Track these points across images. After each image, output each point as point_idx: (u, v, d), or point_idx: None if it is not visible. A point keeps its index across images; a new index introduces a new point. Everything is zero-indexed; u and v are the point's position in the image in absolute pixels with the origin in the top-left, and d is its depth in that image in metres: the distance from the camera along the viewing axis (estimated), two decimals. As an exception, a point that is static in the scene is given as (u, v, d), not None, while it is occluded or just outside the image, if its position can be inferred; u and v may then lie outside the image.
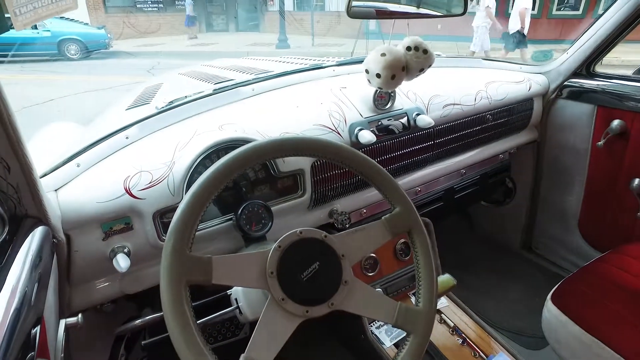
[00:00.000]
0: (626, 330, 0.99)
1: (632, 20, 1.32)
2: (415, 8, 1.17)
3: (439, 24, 9.78)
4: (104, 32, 10.53)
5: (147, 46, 11.56)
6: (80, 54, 9.84)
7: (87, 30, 10.41)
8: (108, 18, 13.21)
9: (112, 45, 10.59)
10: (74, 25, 9.95)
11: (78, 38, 9.83)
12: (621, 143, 1.41)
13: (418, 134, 1.20)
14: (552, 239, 1.75)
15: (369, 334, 1.14)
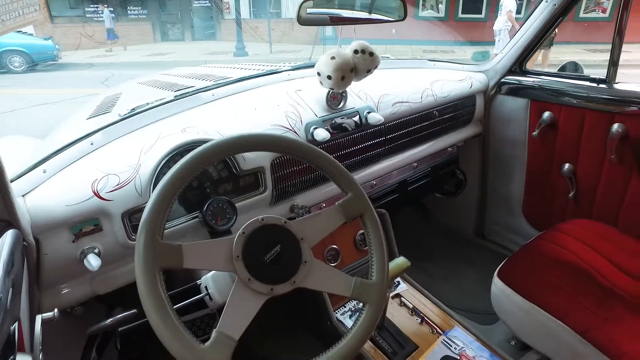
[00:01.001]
0: (560, 296, 1.11)
1: (550, 24, 1.49)
2: (361, 14, 1.26)
3: (393, 29, 10.16)
4: (52, 43, 10.06)
5: (99, 57, 11.23)
6: (26, 66, 9.40)
7: (31, 41, 9.83)
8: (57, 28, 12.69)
9: (61, 57, 10.18)
10: (16, 36, 9.36)
11: (22, 49, 9.35)
12: (552, 133, 1.56)
13: (370, 130, 1.29)
14: (501, 224, 1.89)
15: (334, 320, 1.21)
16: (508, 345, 1.37)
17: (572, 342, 1.04)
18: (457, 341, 1.18)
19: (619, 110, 1.38)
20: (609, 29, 1.41)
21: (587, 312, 1.07)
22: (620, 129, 1.37)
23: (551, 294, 1.12)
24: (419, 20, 12.48)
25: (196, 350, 0.59)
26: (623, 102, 1.37)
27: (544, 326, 1.09)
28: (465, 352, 1.15)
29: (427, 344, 1.17)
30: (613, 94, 1.40)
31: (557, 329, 1.06)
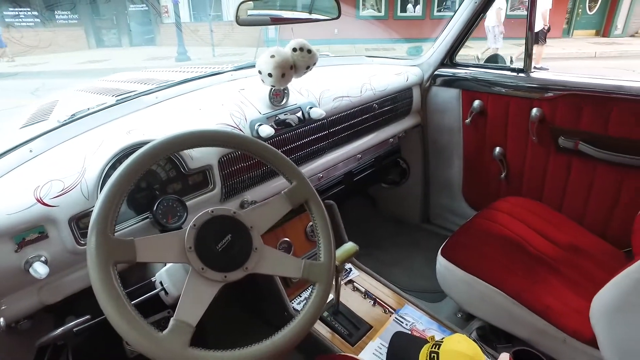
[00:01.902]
0: (496, 266, 1.22)
1: (473, 20, 1.62)
2: (299, 14, 1.31)
3: (335, 29, 10.35)
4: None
5: (26, 66, 10.50)
6: None
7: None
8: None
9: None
10: None
11: None
12: (482, 120, 1.69)
13: (313, 125, 1.34)
14: (444, 208, 2.02)
15: (291, 309, 1.25)
16: (455, 318, 1.47)
17: (507, 306, 1.15)
18: (408, 317, 1.26)
19: (536, 96, 1.52)
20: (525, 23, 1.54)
21: (518, 278, 1.19)
22: (538, 113, 1.51)
23: (488, 265, 1.22)
24: (360, 20, 12.78)
25: (154, 338, 0.61)
26: (539, 89, 1.51)
27: (483, 295, 1.19)
28: (415, 327, 1.23)
29: (381, 323, 1.24)
30: (530, 82, 1.54)
31: (495, 295, 1.17)
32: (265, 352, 0.68)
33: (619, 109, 1.37)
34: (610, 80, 1.44)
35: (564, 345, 1.08)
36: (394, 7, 13.00)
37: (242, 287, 1.33)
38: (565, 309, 1.11)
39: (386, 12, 13.17)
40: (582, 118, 1.45)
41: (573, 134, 1.48)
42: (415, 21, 12.67)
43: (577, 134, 1.47)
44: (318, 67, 1.24)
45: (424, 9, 12.74)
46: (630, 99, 1.35)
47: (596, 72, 1.49)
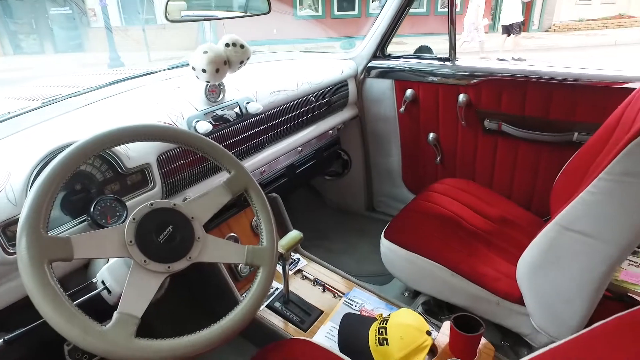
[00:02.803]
0: (434, 242, 1.30)
1: (400, 13, 1.70)
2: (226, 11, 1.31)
3: (274, 29, 10.35)
4: None
5: None
6: None
7: None
8: None
9: None
10: None
11: None
12: (416, 107, 1.78)
13: (252, 120, 1.35)
14: (386, 196, 2.10)
15: (240, 300, 1.25)
16: (403, 297, 1.54)
17: (446, 278, 1.23)
18: (357, 299, 1.31)
19: (462, 83, 1.63)
20: (459, 19, 1.66)
21: (455, 251, 1.27)
22: (465, 99, 1.62)
23: (427, 242, 1.30)
24: (298, 20, 12.87)
25: (97, 331, 0.60)
26: (464, 76, 1.62)
27: (424, 270, 1.26)
28: (364, 307, 1.28)
29: (331, 307, 1.28)
30: (455, 70, 1.65)
31: (434, 269, 1.24)
32: (213, 337, 0.69)
33: (532, 91, 1.50)
34: (525, 66, 1.57)
35: (497, 307, 1.18)
36: (330, 6, 13.25)
37: (190, 281, 1.32)
38: (497, 275, 1.20)
39: (323, 12, 13.39)
40: (503, 101, 1.57)
41: (496, 116, 1.60)
42: (352, 19, 12.96)
43: (500, 116, 1.59)
44: (254, 64, 1.26)
45: (360, 7, 13.08)
46: (542, 82, 1.48)
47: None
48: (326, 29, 12.89)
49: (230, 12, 1.35)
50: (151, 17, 13.37)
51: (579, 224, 0.95)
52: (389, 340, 1.07)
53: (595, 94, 1.41)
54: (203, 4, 1.48)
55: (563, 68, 1.49)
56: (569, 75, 1.45)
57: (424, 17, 13.12)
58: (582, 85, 1.43)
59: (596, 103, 1.40)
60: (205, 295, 1.36)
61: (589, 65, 1.50)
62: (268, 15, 1.34)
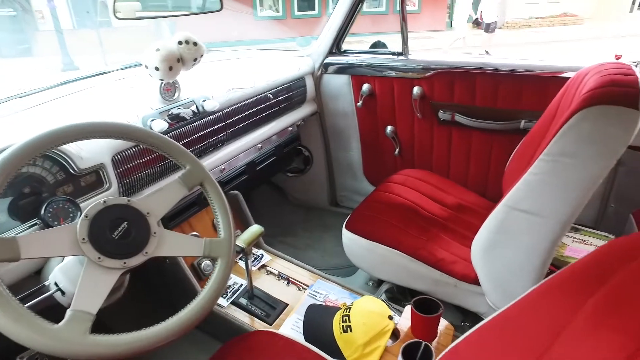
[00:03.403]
0: (393, 231, 1.33)
1: (353, 10, 1.74)
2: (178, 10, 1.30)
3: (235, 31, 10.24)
4: None
5: None
6: None
7: None
8: None
9: None
10: None
11: None
12: (373, 101, 1.83)
13: (210, 118, 1.34)
14: (349, 190, 2.13)
15: None
16: (367, 286, 1.57)
17: (406, 264, 1.27)
18: (321, 291, 1.33)
19: (416, 76, 1.68)
20: (420, 18, 1.71)
21: (414, 238, 1.31)
22: (419, 91, 1.68)
23: (386, 231, 1.33)
24: (258, 21, 12.81)
25: (49, 330, 0.58)
26: (417, 69, 1.68)
27: (385, 258, 1.30)
28: (329, 298, 1.30)
29: (296, 300, 1.29)
30: (409, 64, 1.70)
31: (394, 257, 1.28)
32: (171, 329, 0.69)
33: (481, 82, 1.57)
34: (474, 58, 1.64)
35: (455, 289, 1.23)
36: (290, 6, 13.28)
37: (151, 278, 1.30)
38: (454, 258, 1.25)
39: (284, 12, 13.40)
40: (455, 92, 1.63)
41: (449, 107, 1.66)
42: (313, 19, 13.03)
43: (453, 107, 1.65)
44: (210, 62, 1.26)
45: (320, 7, 13.19)
46: (489, 73, 1.55)
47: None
48: (287, 29, 12.89)
49: (182, 11, 1.34)
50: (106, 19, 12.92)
51: (523, 204, 1.00)
52: (353, 327, 1.09)
53: (538, 84, 1.49)
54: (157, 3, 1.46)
55: (508, 60, 1.56)
56: (514, 67, 1.52)
57: (384, 15, 13.36)
58: (526, 76, 1.50)
59: (539, 92, 1.48)
60: (167, 291, 1.34)
61: (532, 57, 1.58)
62: (228, 17, 1.34)
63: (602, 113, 0.86)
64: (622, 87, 0.89)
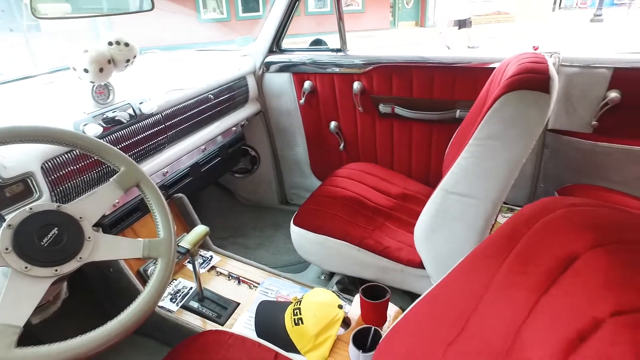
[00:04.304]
0: (340, 223, 1.36)
1: (291, 9, 1.75)
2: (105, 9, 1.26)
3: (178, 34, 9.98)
4: None
5: None
6: None
7: None
8: None
9: None
10: None
11: None
12: (315, 98, 1.85)
13: (148, 121, 1.31)
14: (298, 187, 2.15)
15: (156, 308, 1.21)
16: (319, 280, 1.59)
17: (353, 254, 1.30)
18: (272, 287, 1.33)
19: (355, 71, 1.72)
20: (364, 17, 1.74)
21: (360, 228, 1.35)
22: (359, 86, 1.72)
23: (333, 223, 1.36)
24: (203, 23, 12.58)
25: None
26: (356, 65, 1.72)
27: (333, 250, 1.32)
28: (280, 294, 1.31)
29: (247, 299, 1.29)
30: (348, 60, 1.74)
31: (342, 248, 1.31)
32: (110, 333, 0.68)
33: (418, 75, 1.64)
34: (410, 52, 1.70)
35: (402, 275, 1.27)
36: (235, 8, 13.13)
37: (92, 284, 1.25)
38: (400, 245, 1.30)
39: (228, 14, 13.23)
40: (394, 86, 1.69)
41: (389, 100, 1.72)
42: (258, 20, 12.98)
43: (392, 100, 1.71)
44: (148, 64, 1.22)
45: (264, 8, 13.15)
46: (425, 66, 1.62)
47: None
48: (232, 30, 12.74)
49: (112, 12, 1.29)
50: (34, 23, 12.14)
51: (458, 187, 1.06)
52: (304, 319, 1.11)
53: (469, 75, 1.57)
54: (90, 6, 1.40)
55: (441, 52, 1.64)
56: (447, 59, 1.60)
57: (329, 15, 13.53)
58: (458, 68, 1.58)
59: (470, 82, 1.57)
60: (112, 301, 1.30)
61: (463, 50, 1.67)
62: (171, 20, 1.31)
63: (520, 97, 0.93)
64: (536, 74, 0.97)
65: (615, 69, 1.39)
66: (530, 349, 0.40)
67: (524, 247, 0.49)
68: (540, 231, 0.48)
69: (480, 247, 0.59)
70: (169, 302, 1.25)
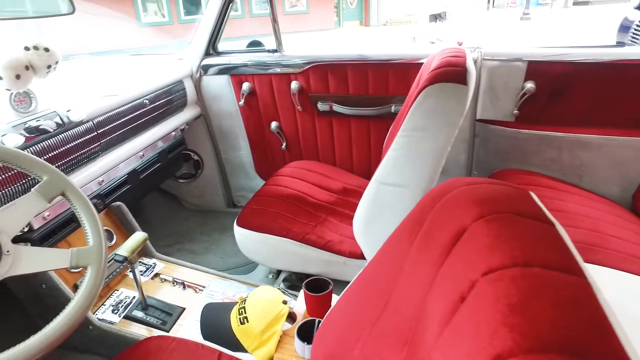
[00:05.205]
0: (282, 220, 1.38)
1: (224, 10, 1.75)
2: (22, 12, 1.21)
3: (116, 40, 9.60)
4: None
5: None
6: None
7: None
8: None
9: None
10: None
11: None
12: (254, 99, 1.86)
13: (78, 129, 1.26)
14: (244, 190, 2.14)
15: (97, 322, 1.18)
16: (267, 279, 1.61)
17: (297, 250, 1.32)
18: (218, 289, 1.33)
19: (292, 71, 1.75)
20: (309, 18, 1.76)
21: (302, 225, 1.37)
22: (297, 85, 1.75)
23: (275, 221, 1.38)
24: (143, 27, 12.19)
25: None
26: (292, 65, 1.74)
27: (276, 247, 1.34)
28: (226, 295, 1.31)
29: (193, 302, 1.28)
30: (285, 60, 1.76)
31: (285, 245, 1.33)
32: (34, 347, 0.66)
33: (353, 72, 1.69)
34: (344, 51, 1.75)
35: (345, 267, 1.31)
36: (177, 11, 12.83)
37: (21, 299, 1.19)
38: (342, 239, 1.34)
39: (170, 17, 12.91)
40: (330, 84, 1.73)
41: (326, 98, 1.76)
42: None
43: (330, 98, 1.75)
44: (78, 70, 1.18)
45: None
46: (359, 64, 1.67)
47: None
48: (175, 34, 12.42)
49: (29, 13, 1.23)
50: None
51: (390, 178, 1.11)
52: (249, 317, 1.12)
53: (401, 70, 1.64)
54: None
55: (375, 50, 1.70)
56: (381, 56, 1.66)
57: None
58: (391, 64, 1.65)
59: (403, 78, 1.64)
60: (43, 314, 1.24)
61: (396, 47, 1.74)
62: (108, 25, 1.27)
63: (441, 89, 0.99)
64: (455, 67, 1.03)
65: (529, 62, 1.50)
66: (429, 317, 0.44)
67: (428, 225, 0.53)
68: (440, 210, 0.52)
69: (397, 230, 0.63)
70: (111, 314, 1.22)
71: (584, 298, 0.33)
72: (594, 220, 1.27)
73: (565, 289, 0.33)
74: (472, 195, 0.49)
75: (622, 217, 1.34)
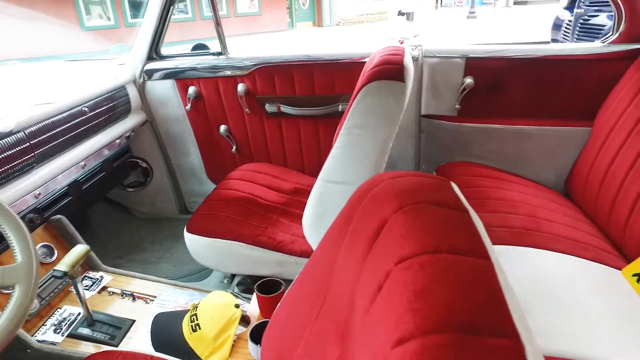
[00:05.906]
0: (233, 224, 1.37)
1: (166, 13, 1.72)
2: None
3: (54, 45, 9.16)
4: None
5: None
6: None
7: None
8: None
9: None
10: None
11: None
12: (201, 103, 1.83)
13: (8, 139, 1.20)
14: (197, 195, 2.10)
15: (35, 344, 1.12)
16: (223, 284, 1.59)
17: (248, 253, 1.32)
18: (170, 298, 1.31)
19: (238, 73, 1.74)
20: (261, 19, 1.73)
21: (253, 227, 1.37)
22: (244, 88, 1.74)
23: (225, 225, 1.37)
24: (86, 31, 11.69)
25: None
26: (238, 67, 1.73)
27: (227, 251, 1.33)
28: (178, 303, 1.29)
29: (143, 314, 1.25)
30: (230, 63, 1.75)
31: (236, 248, 1.32)
32: None
33: (298, 73, 1.70)
34: (289, 52, 1.76)
35: (297, 266, 1.32)
36: (123, 14, 12.39)
37: None
38: (293, 238, 1.34)
39: (116, 21, 12.45)
40: (277, 85, 1.73)
41: (274, 99, 1.76)
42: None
43: (277, 99, 1.76)
44: (5, 77, 1.12)
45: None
46: (304, 64, 1.69)
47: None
48: (122, 38, 11.99)
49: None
50: None
51: (334, 175, 1.13)
52: (201, 324, 1.10)
53: (347, 70, 1.67)
54: None
55: (320, 51, 1.72)
56: (326, 56, 1.68)
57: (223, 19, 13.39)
58: (336, 64, 1.68)
59: (348, 77, 1.67)
60: None
61: (341, 47, 1.77)
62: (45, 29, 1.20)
63: (379, 87, 1.01)
64: (392, 65, 1.07)
65: (467, 58, 1.57)
66: (356, 310, 0.46)
67: (355, 221, 0.55)
68: (366, 205, 0.54)
69: (331, 227, 0.64)
70: (53, 334, 1.16)
71: (482, 279, 0.35)
72: (531, 206, 1.34)
73: (465, 271, 0.36)
74: (393, 188, 0.51)
75: (555, 201, 1.43)
